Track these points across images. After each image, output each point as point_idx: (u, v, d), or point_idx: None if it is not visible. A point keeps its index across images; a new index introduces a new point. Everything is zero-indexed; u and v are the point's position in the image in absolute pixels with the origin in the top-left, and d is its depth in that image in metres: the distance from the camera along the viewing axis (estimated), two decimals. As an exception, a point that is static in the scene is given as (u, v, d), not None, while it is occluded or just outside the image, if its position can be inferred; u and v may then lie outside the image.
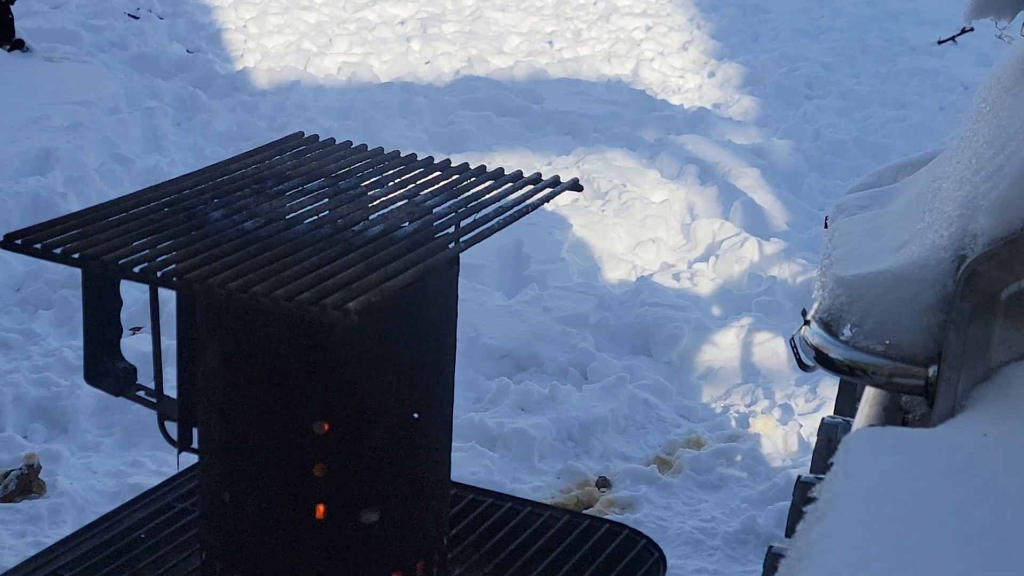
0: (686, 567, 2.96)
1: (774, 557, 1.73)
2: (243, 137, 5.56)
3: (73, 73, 6.47)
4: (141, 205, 1.93)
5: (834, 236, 1.78)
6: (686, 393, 3.84)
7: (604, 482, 3.32)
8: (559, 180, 2.10)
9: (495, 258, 4.56)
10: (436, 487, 2.02)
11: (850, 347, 1.48)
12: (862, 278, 1.50)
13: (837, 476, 1.18)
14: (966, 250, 1.39)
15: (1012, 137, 1.45)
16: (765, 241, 4.75)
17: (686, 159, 5.72)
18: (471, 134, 5.98)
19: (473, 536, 2.37)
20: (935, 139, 6.07)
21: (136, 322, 3.78)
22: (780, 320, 4.14)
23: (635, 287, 4.38)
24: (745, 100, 7.00)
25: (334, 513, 1.90)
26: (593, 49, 8.00)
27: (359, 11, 8.59)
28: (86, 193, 4.75)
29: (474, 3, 8.98)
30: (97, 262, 1.75)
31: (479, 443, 3.41)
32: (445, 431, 2.03)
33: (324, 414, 1.87)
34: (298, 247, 1.79)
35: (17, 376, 3.59)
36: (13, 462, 3.22)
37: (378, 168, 2.13)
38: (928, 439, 1.28)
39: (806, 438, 3.52)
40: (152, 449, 3.31)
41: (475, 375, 3.80)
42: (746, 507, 3.20)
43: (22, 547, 2.87)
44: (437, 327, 1.95)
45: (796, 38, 8.32)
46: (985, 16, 1.73)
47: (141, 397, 2.07)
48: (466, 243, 1.87)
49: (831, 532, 1.08)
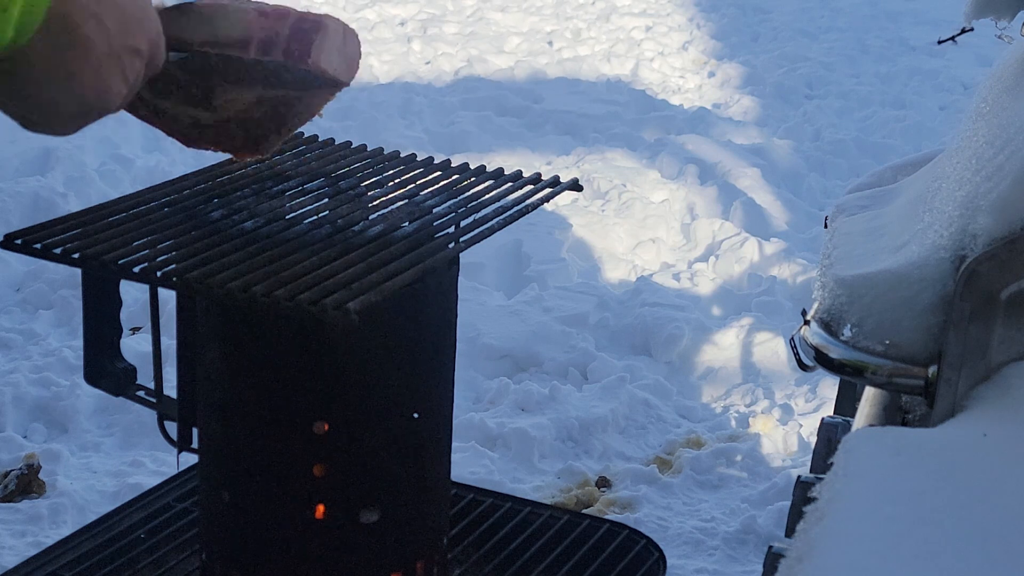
0: (686, 567, 2.96)
1: (774, 557, 1.73)
2: (243, 137, 5.55)
3: (73, 73, 6.46)
4: (141, 205, 1.93)
5: (834, 236, 1.78)
6: (686, 393, 3.84)
7: (604, 482, 3.32)
8: (559, 180, 2.10)
9: (495, 258, 4.56)
10: (436, 487, 2.02)
11: (850, 347, 1.48)
12: (862, 278, 1.50)
13: (837, 476, 1.18)
14: (966, 250, 1.39)
15: (1012, 137, 1.45)
16: (765, 241, 4.75)
17: (686, 159, 5.72)
18: (471, 134, 5.98)
19: (473, 536, 2.37)
20: (935, 139, 6.08)
21: (136, 322, 3.78)
22: (780, 320, 4.14)
23: (635, 287, 4.38)
24: (745, 100, 7.00)
25: (334, 513, 1.90)
26: (593, 49, 8.01)
27: (359, 11, 8.59)
28: (86, 193, 4.75)
29: (474, 3, 8.98)
30: (97, 262, 1.75)
31: (479, 443, 3.41)
32: (445, 431, 2.03)
33: (324, 414, 1.87)
34: (298, 247, 1.79)
35: (17, 376, 3.59)
36: (13, 462, 3.22)
37: (378, 168, 2.13)
38: (928, 439, 1.28)
39: (806, 438, 3.52)
40: (152, 449, 3.31)
41: (475, 375, 3.80)
42: (746, 507, 3.20)
43: (22, 547, 2.88)
44: (437, 327, 1.95)
45: (796, 38, 8.32)
46: (985, 16, 1.73)
47: (141, 397, 2.08)
48: (466, 243, 1.87)
49: (831, 532, 1.08)
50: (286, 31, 1.53)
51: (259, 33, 1.52)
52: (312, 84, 1.63)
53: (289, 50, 1.53)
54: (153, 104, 1.63)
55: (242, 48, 1.52)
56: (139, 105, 1.63)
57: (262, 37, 1.52)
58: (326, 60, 1.57)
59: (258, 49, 1.52)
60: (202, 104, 1.63)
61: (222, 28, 1.52)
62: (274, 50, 1.52)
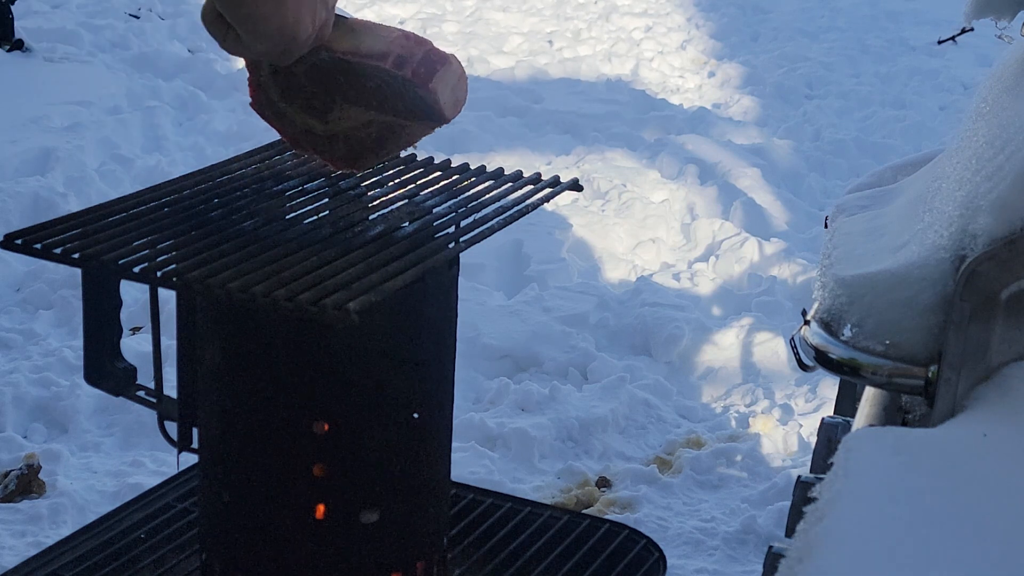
0: (686, 567, 2.96)
1: (774, 557, 1.73)
2: (243, 137, 5.56)
3: (73, 73, 6.47)
4: (141, 205, 1.92)
5: (834, 236, 1.78)
6: (686, 393, 3.84)
7: (604, 482, 3.32)
8: (559, 180, 2.10)
9: (495, 258, 4.56)
10: (436, 487, 2.02)
11: (850, 347, 1.48)
12: (862, 278, 1.50)
13: (837, 476, 1.18)
14: (966, 250, 1.39)
15: (1012, 137, 1.45)
16: (765, 241, 4.76)
17: (686, 159, 5.72)
18: (471, 134, 5.98)
19: (473, 536, 2.37)
20: (935, 139, 6.08)
21: (136, 322, 3.78)
22: (780, 320, 4.14)
23: (635, 287, 4.38)
24: (745, 100, 7.00)
25: (334, 513, 1.90)
26: (593, 49, 8.01)
27: (359, 11, 8.59)
28: (86, 193, 4.75)
29: (474, 3, 8.98)
30: (97, 262, 1.75)
31: (479, 443, 3.41)
32: (445, 431, 2.03)
33: (324, 414, 1.87)
34: (298, 247, 1.79)
35: (17, 376, 3.59)
36: (13, 462, 3.22)
37: (378, 168, 2.13)
38: (928, 439, 1.28)
39: (806, 438, 3.52)
40: (152, 449, 3.31)
41: (475, 375, 3.80)
42: (746, 507, 3.20)
43: (22, 547, 2.88)
44: (437, 327, 1.95)
45: (796, 38, 8.32)
46: (985, 16, 1.73)
47: (141, 397, 2.07)
48: (466, 243, 1.87)
49: (831, 532, 1.08)
50: (419, 55, 1.73)
51: (398, 49, 1.73)
52: (419, 115, 1.82)
53: (417, 71, 1.73)
54: (279, 107, 1.87)
55: (380, 59, 1.73)
56: (266, 105, 1.88)
57: (399, 53, 1.73)
58: (442, 91, 1.75)
59: (393, 63, 1.72)
60: (319, 116, 1.87)
61: (366, 41, 1.75)
62: (406, 67, 1.72)
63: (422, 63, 1.73)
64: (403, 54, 1.73)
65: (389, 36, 1.75)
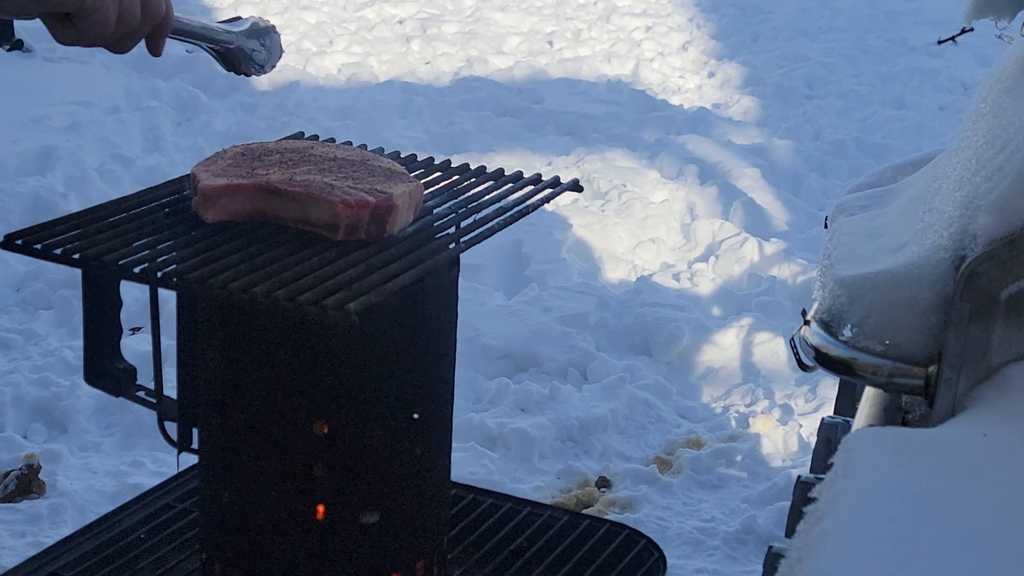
0: (686, 567, 2.96)
1: (774, 557, 1.73)
2: (243, 137, 5.56)
3: (73, 73, 6.47)
4: (141, 205, 1.93)
5: (834, 236, 1.78)
6: (686, 393, 3.84)
7: (604, 482, 3.32)
8: (559, 180, 2.10)
9: (495, 258, 4.56)
10: (436, 487, 2.02)
11: (850, 347, 1.48)
12: (862, 278, 1.50)
13: (837, 476, 1.18)
14: (966, 250, 1.39)
15: (1012, 137, 1.45)
16: (765, 241, 4.76)
17: (686, 159, 5.72)
18: (471, 134, 5.98)
19: (473, 536, 2.37)
20: (935, 139, 6.08)
21: (136, 322, 3.78)
22: (780, 320, 4.14)
23: (635, 287, 4.38)
24: (745, 100, 7.01)
25: (334, 513, 1.90)
26: (593, 49, 8.01)
27: (359, 11, 8.59)
28: (86, 193, 4.75)
29: (474, 3, 8.99)
30: (97, 262, 1.75)
31: (479, 443, 3.41)
32: (445, 431, 2.03)
33: (324, 414, 1.87)
34: (298, 247, 1.79)
35: (17, 376, 3.59)
36: (13, 462, 3.22)
37: (378, 168, 2.13)
38: (928, 439, 1.28)
39: (806, 438, 3.52)
40: (152, 449, 3.31)
41: (475, 375, 3.80)
42: (746, 507, 3.20)
43: (22, 547, 2.88)
44: (437, 327, 1.95)
45: (796, 38, 8.33)
46: (985, 16, 1.73)
47: (141, 397, 2.07)
48: (466, 243, 1.87)
49: (831, 532, 1.08)
50: (367, 217, 1.80)
51: (346, 220, 1.79)
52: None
53: (369, 231, 1.81)
54: None
55: (331, 231, 1.79)
56: None
57: (348, 223, 1.79)
58: (396, 227, 1.84)
59: (345, 232, 1.79)
60: None
61: (313, 213, 1.81)
62: (358, 232, 1.80)
63: (372, 223, 1.81)
64: (351, 223, 1.79)
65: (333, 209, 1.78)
